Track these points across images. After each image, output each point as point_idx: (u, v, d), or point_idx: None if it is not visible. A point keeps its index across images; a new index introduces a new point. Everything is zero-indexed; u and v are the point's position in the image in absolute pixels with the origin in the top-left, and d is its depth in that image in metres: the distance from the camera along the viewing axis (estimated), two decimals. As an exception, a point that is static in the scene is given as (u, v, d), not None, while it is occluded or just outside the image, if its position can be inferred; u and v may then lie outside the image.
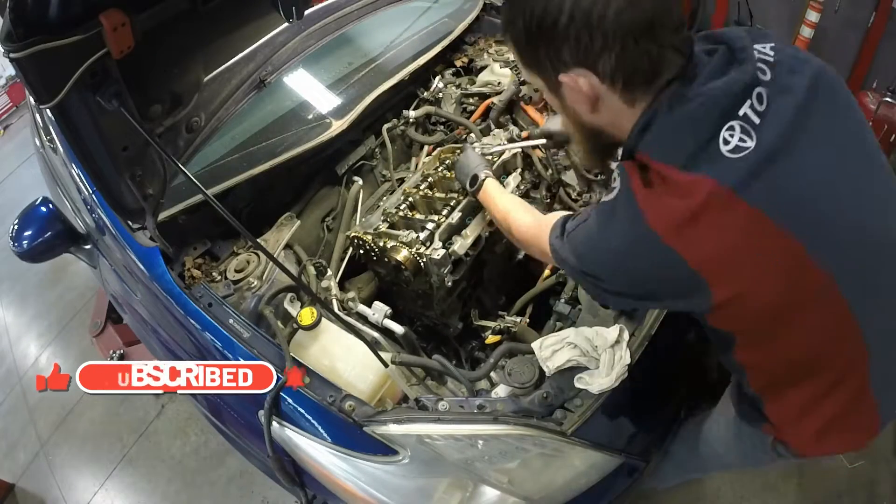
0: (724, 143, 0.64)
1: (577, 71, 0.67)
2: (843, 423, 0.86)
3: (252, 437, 1.18)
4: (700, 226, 0.64)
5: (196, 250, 1.40)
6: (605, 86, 0.68)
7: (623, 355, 1.04)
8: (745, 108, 0.65)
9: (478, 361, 1.57)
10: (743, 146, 0.64)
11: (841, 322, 0.74)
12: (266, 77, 1.52)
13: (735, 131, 0.64)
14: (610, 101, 0.70)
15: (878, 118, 2.59)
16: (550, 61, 0.69)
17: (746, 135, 0.64)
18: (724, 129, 0.64)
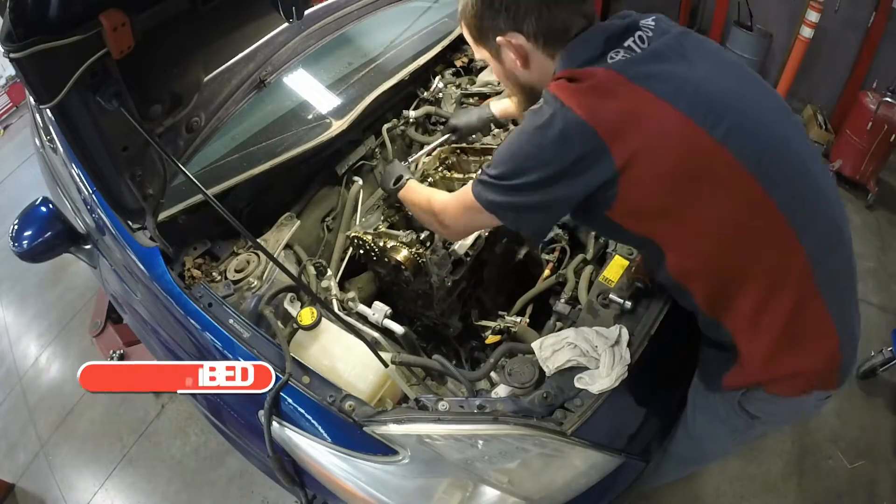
0: (610, 59, 0.84)
1: (510, 34, 0.91)
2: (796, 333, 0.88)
3: (252, 437, 1.18)
4: (594, 97, 0.81)
5: (196, 250, 1.40)
6: (531, 43, 0.91)
7: (623, 355, 1.04)
8: (629, 41, 0.85)
9: (478, 361, 1.57)
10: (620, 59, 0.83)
11: (757, 202, 0.82)
12: (266, 77, 1.52)
13: (619, 53, 0.84)
14: (536, 56, 0.93)
15: (878, 118, 2.60)
16: (491, 30, 0.93)
17: (628, 54, 0.84)
18: (610, 51, 0.85)
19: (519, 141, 0.88)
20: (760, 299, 0.88)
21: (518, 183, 0.87)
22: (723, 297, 0.91)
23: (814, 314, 0.88)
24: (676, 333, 1.14)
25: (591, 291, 1.23)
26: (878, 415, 2.03)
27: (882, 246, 2.65)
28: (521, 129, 0.88)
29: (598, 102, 0.81)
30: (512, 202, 0.90)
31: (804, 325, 0.88)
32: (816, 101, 3.27)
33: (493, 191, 0.92)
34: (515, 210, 0.91)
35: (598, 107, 0.80)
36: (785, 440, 1.95)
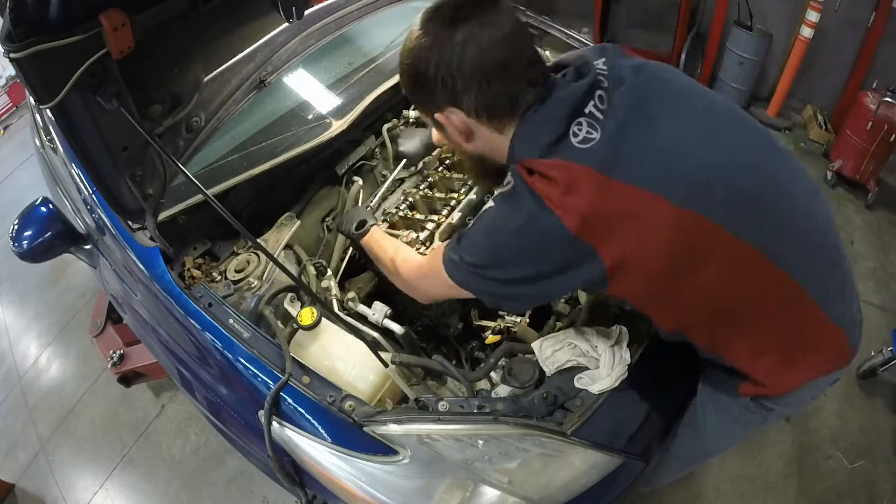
0: (574, 136, 0.77)
1: (448, 110, 0.82)
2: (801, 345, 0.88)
3: (252, 437, 1.18)
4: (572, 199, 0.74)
5: (196, 250, 1.40)
6: (473, 119, 0.82)
7: (623, 355, 1.04)
8: (590, 107, 0.78)
9: (478, 361, 1.56)
10: (590, 137, 0.76)
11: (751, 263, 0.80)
12: (266, 77, 1.52)
13: (582, 126, 0.77)
14: (481, 131, 0.85)
15: (878, 118, 2.60)
16: (427, 104, 0.85)
17: (592, 128, 0.76)
18: (573, 124, 0.77)
19: (496, 235, 0.83)
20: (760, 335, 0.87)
21: (497, 276, 0.83)
22: (723, 339, 0.90)
23: (814, 323, 0.88)
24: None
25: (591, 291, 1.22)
26: (878, 415, 2.03)
27: (882, 246, 2.65)
28: (495, 220, 0.83)
29: (578, 206, 0.74)
30: (489, 290, 0.87)
31: (807, 336, 0.88)
32: (816, 101, 3.27)
33: (468, 275, 0.87)
34: (493, 296, 0.88)
35: (580, 211, 0.74)
36: (785, 440, 1.95)
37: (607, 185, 0.74)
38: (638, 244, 0.76)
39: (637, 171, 0.75)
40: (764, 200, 0.81)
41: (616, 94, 0.79)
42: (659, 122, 0.78)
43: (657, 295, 0.83)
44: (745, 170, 0.81)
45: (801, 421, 2.00)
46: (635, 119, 0.78)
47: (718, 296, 0.82)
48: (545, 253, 0.78)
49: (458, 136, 0.87)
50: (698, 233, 0.77)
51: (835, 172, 2.89)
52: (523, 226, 0.78)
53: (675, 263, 0.78)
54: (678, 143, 0.78)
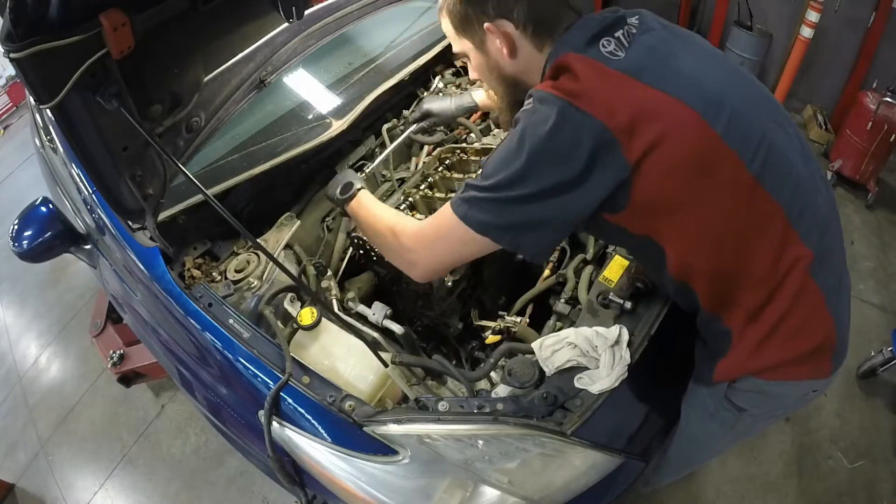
0: (603, 47, 0.82)
1: (498, 21, 0.88)
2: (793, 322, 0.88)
3: (252, 437, 1.18)
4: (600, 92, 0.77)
5: (196, 250, 1.40)
6: (519, 31, 0.89)
7: (623, 355, 1.04)
8: (618, 33, 0.83)
9: (478, 361, 1.57)
10: (616, 53, 0.81)
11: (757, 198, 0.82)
12: (266, 77, 1.52)
13: (611, 43, 0.82)
14: (523, 47, 0.91)
15: (878, 118, 2.60)
16: (477, 17, 0.90)
17: (619, 49, 0.82)
18: (602, 38, 0.83)
19: (518, 145, 0.80)
20: (762, 293, 0.88)
21: (519, 194, 0.79)
22: (724, 293, 0.90)
23: (810, 299, 0.88)
24: (676, 333, 1.13)
25: (591, 291, 1.22)
26: (878, 415, 2.03)
27: (882, 246, 2.65)
28: (522, 131, 0.81)
29: (606, 99, 0.77)
30: (511, 219, 0.82)
31: (801, 314, 0.89)
32: (816, 101, 3.27)
33: (486, 207, 0.82)
34: (515, 229, 0.83)
35: (608, 103, 0.77)
36: (785, 440, 1.95)
37: (634, 84, 0.78)
38: (659, 138, 0.77)
39: (660, 79, 0.79)
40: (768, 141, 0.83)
41: (644, 35, 0.84)
42: (679, 57, 0.83)
43: (668, 206, 0.82)
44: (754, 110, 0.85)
45: (801, 421, 2.00)
46: (660, 48, 0.83)
47: (724, 224, 0.83)
48: (571, 150, 0.77)
49: (500, 50, 0.91)
50: (713, 147, 0.79)
51: (835, 172, 2.89)
52: (554, 125, 0.77)
53: (689, 170, 0.79)
54: (697, 71, 0.83)
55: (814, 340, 0.91)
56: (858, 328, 1.01)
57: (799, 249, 0.86)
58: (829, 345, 0.92)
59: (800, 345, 0.91)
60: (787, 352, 0.91)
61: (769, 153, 0.83)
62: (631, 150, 0.77)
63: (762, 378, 0.95)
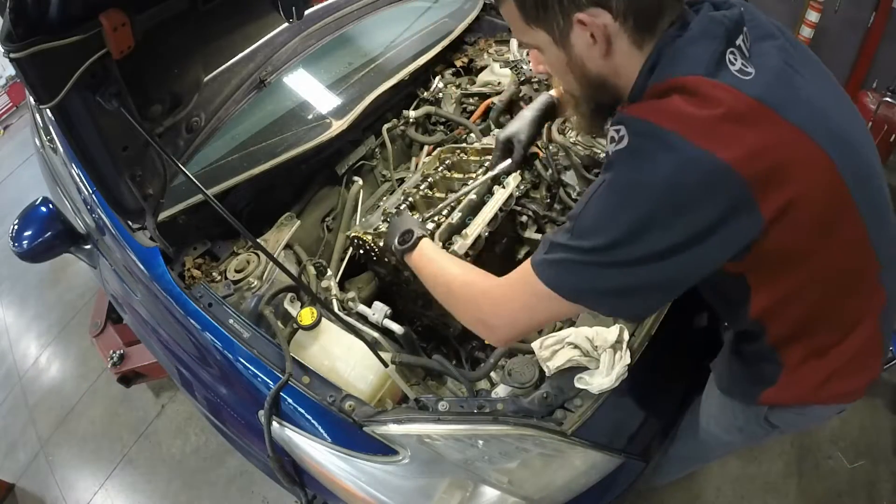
0: (731, 63, 0.65)
1: (592, 11, 0.67)
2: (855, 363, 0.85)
3: (252, 437, 1.18)
4: (733, 130, 0.62)
5: (196, 250, 1.40)
6: (618, 24, 0.68)
7: (623, 355, 1.04)
8: (739, 41, 0.67)
9: (478, 361, 1.56)
10: (746, 70, 0.65)
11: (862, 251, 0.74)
12: (266, 77, 1.52)
13: (736, 57, 0.66)
14: (620, 42, 0.70)
15: (878, 118, 2.59)
16: (562, 4, 0.68)
17: (745, 62, 0.66)
18: (728, 51, 0.66)
19: (624, 197, 0.65)
20: (834, 338, 0.83)
21: (626, 259, 0.65)
22: (798, 335, 0.82)
23: (873, 346, 0.86)
24: (677, 333, 1.14)
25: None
26: (878, 415, 2.02)
27: (882, 246, 2.65)
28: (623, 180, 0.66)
29: (743, 140, 0.61)
30: (613, 285, 0.68)
31: (863, 356, 0.86)
32: (816, 101, 3.27)
33: (582, 272, 0.68)
34: (616, 295, 0.69)
35: (745, 146, 0.61)
36: (785, 440, 1.95)
37: (775, 120, 0.63)
38: (800, 192, 0.64)
39: (800, 113, 0.65)
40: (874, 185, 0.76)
41: (762, 41, 0.70)
42: (804, 79, 0.70)
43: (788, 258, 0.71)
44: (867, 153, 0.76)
45: (801, 421, 2.00)
46: (787, 68, 0.69)
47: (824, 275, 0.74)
48: (698, 204, 0.62)
49: (590, 48, 0.71)
50: (841, 201, 0.69)
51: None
52: (671, 174, 0.61)
53: (821, 222, 0.68)
54: (822, 100, 0.70)
55: (866, 378, 0.89)
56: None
57: (880, 299, 0.81)
58: (875, 378, 0.90)
59: (854, 383, 0.89)
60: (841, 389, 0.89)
61: (878, 199, 0.75)
62: (767, 205, 0.63)
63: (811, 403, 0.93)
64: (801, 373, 0.87)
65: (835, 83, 0.78)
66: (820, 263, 0.72)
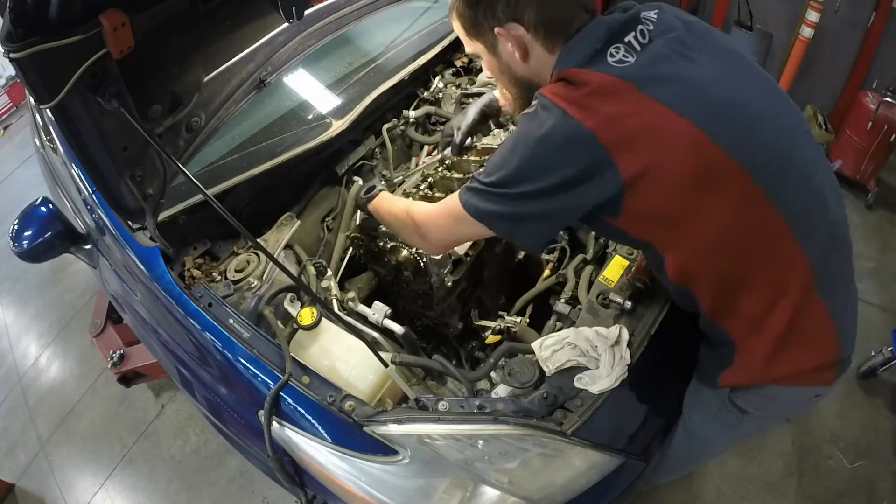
0: (611, 56, 0.81)
1: (509, 25, 0.87)
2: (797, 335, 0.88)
3: (252, 437, 1.18)
4: (597, 104, 0.77)
5: (196, 250, 1.40)
6: (531, 34, 0.87)
7: (623, 355, 1.04)
8: (629, 37, 0.82)
9: (478, 361, 1.57)
10: (625, 60, 0.80)
11: (761, 211, 0.81)
12: (266, 77, 1.52)
13: (620, 50, 0.81)
14: (535, 49, 0.89)
15: (878, 118, 2.60)
16: (487, 21, 0.89)
17: (629, 54, 0.80)
18: (611, 47, 0.81)
19: (516, 148, 0.84)
20: (762, 304, 0.87)
21: (514, 192, 0.83)
22: (725, 301, 0.90)
23: (814, 316, 0.88)
24: (676, 333, 1.14)
25: (591, 291, 1.22)
26: (878, 415, 2.03)
27: (882, 246, 2.65)
28: (518, 136, 0.84)
29: (602, 110, 0.77)
30: (506, 211, 0.86)
31: (805, 327, 0.88)
32: (816, 101, 3.26)
33: (485, 199, 0.87)
34: (509, 219, 0.87)
35: (603, 115, 0.77)
36: (785, 440, 1.95)
37: (633, 96, 0.77)
38: (656, 159, 0.77)
39: (665, 91, 0.77)
40: (781, 154, 0.82)
41: (661, 36, 0.83)
42: (694, 63, 0.81)
43: (666, 219, 0.83)
44: (769, 121, 0.83)
45: (801, 421, 2.00)
46: (672, 55, 0.81)
47: (723, 236, 0.83)
48: (565, 159, 0.79)
49: (513, 54, 0.91)
50: (714, 162, 0.78)
51: (835, 172, 2.89)
52: (546, 133, 0.79)
53: (687, 187, 0.79)
54: (708, 79, 0.81)
55: (818, 356, 0.91)
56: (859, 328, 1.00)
57: (803, 264, 0.85)
58: (833, 360, 0.92)
59: (804, 360, 0.91)
60: (791, 366, 0.91)
61: (782, 166, 0.82)
62: (624, 167, 0.77)
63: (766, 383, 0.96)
64: (748, 350, 0.92)
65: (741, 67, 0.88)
66: (706, 225, 0.82)
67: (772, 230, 0.83)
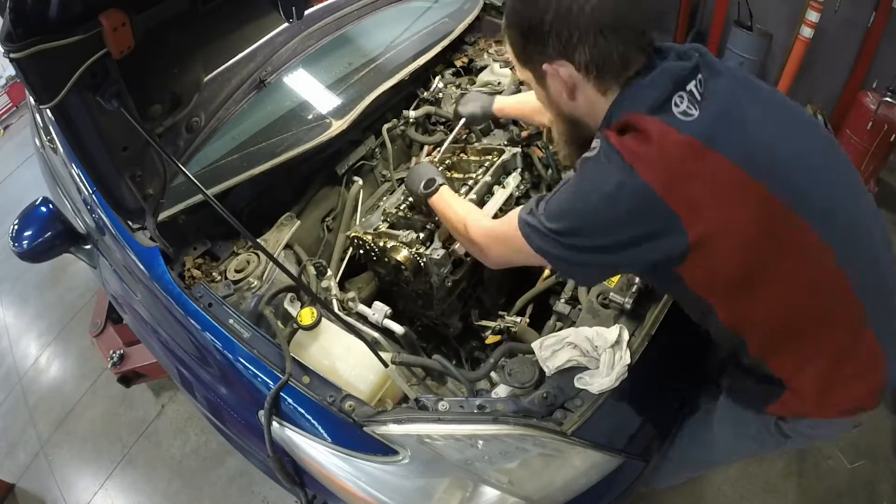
0: (676, 105, 0.77)
1: (559, 62, 0.81)
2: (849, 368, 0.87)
3: (252, 437, 1.18)
4: (666, 163, 0.75)
5: (196, 250, 1.40)
6: (581, 74, 0.81)
7: (623, 355, 1.04)
8: (691, 86, 0.78)
9: (478, 361, 1.57)
10: (690, 112, 0.77)
11: (826, 270, 0.81)
12: (266, 77, 1.52)
13: (684, 100, 0.77)
14: (585, 89, 0.84)
15: (878, 118, 2.59)
16: (538, 55, 0.83)
17: (692, 105, 0.77)
18: (675, 95, 0.77)
19: (579, 200, 0.81)
20: (814, 346, 0.86)
21: (577, 243, 0.82)
22: (776, 345, 0.88)
23: (865, 348, 0.87)
24: (676, 333, 1.14)
25: (591, 291, 1.23)
26: (878, 415, 2.02)
27: (882, 246, 2.65)
28: (583, 184, 0.82)
29: (670, 170, 0.74)
30: (566, 256, 0.84)
31: (856, 359, 0.87)
32: (816, 101, 3.26)
33: (545, 240, 0.85)
34: (568, 263, 0.86)
35: (672, 176, 0.74)
36: (785, 440, 1.95)
37: (703, 153, 0.75)
38: (724, 221, 0.75)
39: (734, 149, 0.75)
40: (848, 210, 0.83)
41: (714, 83, 0.80)
42: (752, 116, 0.80)
43: (730, 282, 0.81)
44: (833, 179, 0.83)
45: (801, 421, 2.00)
46: (733, 108, 0.79)
47: (788, 295, 0.81)
48: (630, 220, 0.77)
49: (560, 92, 0.86)
50: (784, 223, 0.77)
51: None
52: (612, 191, 0.76)
53: (758, 250, 0.77)
54: (770, 136, 0.79)
55: (869, 385, 0.90)
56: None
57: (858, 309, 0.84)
58: (881, 384, 0.91)
59: (856, 393, 0.90)
60: (844, 401, 0.91)
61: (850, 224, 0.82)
62: (690, 228, 0.75)
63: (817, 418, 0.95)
64: (797, 387, 0.90)
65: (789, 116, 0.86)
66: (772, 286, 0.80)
67: (835, 287, 0.82)
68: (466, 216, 1.13)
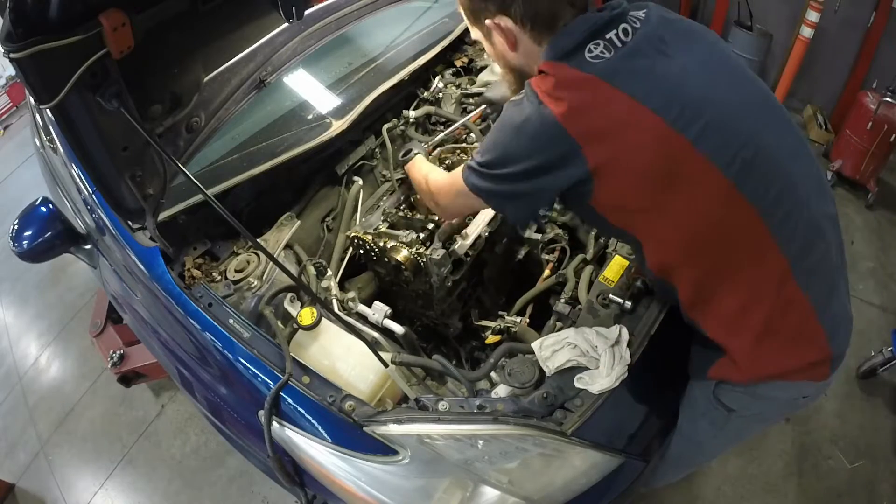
0: (588, 52, 0.84)
1: (499, 17, 0.91)
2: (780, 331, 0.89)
3: (252, 437, 1.18)
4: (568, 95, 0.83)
5: (196, 250, 1.40)
6: (518, 27, 0.91)
7: (623, 355, 1.04)
8: (611, 34, 0.85)
9: (478, 361, 1.57)
10: (602, 56, 0.84)
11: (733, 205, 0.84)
12: (266, 77, 1.52)
13: (599, 46, 0.84)
14: (524, 41, 0.93)
15: (878, 118, 2.60)
16: (483, 11, 0.94)
17: (607, 50, 0.84)
18: (590, 42, 0.85)
19: (501, 133, 0.91)
20: (739, 302, 0.89)
21: (500, 172, 0.91)
22: (702, 298, 0.92)
23: (796, 312, 0.89)
24: (676, 333, 1.14)
25: (591, 291, 1.23)
26: (878, 415, 2.03)
27: (882, 246, 2.65)
28: (503, 121, 0.91)
29: (569, 99, 0.82)
30: (495, 189, 0.93)
31: (787, 323, 0.89)
32: (816, 101, 3.27)
33: (478, 176, 0.95)
34: (498, 196, 0.95)
35: (572, 107, 0.82)
36: (785, 440, 1.95)
37: (602, 88, 0.82)
38: (622, 151, 0.82)
39: (635, 85, 0.82)
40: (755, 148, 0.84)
41: (642, 33, 0.86)
42: (670, 58, 0.85)
43: (637, 209, 0.88)
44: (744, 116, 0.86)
45: (801, 421, 2.00)
46: (649, 50, 0.85)
47: (697, 228, 0.86)
48: (537, 146, 0.86)
49: (504, 45, 0.96)
50: (683, 155, 0.82)
51: (835, 172, 2.89)
52: (523, 121, 0.86)
53: (655, 178, 0.83)
54: (682, 74, 0.84)
55: (804, 352, 0.91)
56: (858, 328, 1.00)
57: (777, 258, 0.86)
58: (822, 356, 0.92)
59: (789, 357, 0.91)
60: (776, 364, 0.92)
61: (754, 158, 0.83)
62: (591, 156, 0.82)
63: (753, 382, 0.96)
64: (731, 348, 0.94)
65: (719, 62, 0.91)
66: (675, 218, 0.86)
67: (745, 224, 0.85)
68: (429, 173, 1.25)
